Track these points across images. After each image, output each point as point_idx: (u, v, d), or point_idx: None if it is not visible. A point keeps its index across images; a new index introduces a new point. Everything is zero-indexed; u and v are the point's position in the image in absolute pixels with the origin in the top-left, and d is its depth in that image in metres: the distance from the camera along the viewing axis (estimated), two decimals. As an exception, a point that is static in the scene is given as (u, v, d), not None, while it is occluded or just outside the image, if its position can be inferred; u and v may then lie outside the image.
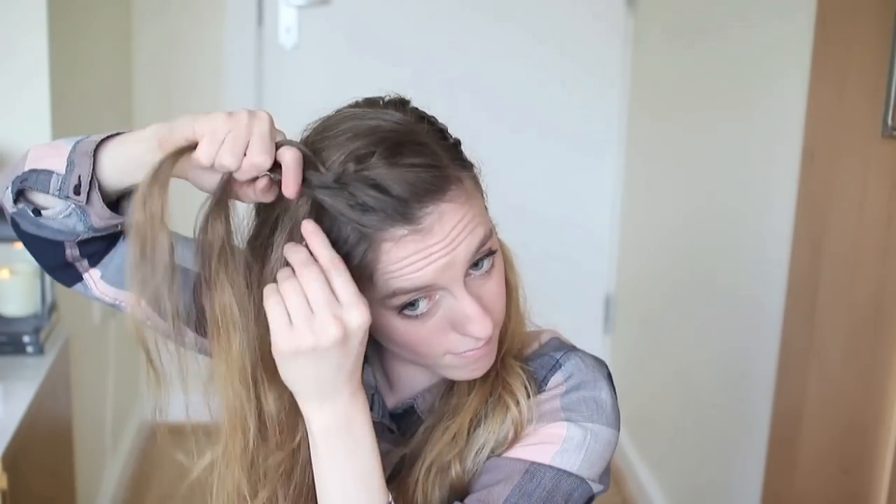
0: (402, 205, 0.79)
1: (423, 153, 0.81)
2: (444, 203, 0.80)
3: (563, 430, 0.87)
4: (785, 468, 1.74)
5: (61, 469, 1.85)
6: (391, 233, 0.79)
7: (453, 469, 0.89)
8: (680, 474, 2.44)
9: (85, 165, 0.83)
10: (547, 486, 0.85)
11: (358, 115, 0.84)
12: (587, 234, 3.00)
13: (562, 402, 0.89)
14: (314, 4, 2.79)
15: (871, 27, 1.46)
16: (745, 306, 2.02)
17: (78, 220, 0.86)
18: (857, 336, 1.51)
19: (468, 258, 0.82)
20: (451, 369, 0.88)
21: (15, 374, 1.62)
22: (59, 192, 0.84)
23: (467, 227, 0.81)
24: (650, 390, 2.63)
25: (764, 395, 1.83)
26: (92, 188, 0.84)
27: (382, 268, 0.80)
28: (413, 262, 0.80)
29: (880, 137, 1.42)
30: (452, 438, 0.89)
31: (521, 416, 0.88)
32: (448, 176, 0.81)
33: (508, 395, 0.89)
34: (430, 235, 0.80)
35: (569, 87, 2.90)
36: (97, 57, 2.42)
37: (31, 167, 0.86)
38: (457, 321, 0.84)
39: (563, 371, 0.91)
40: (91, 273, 0.93)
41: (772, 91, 1.91)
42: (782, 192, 1.78)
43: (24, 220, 0.88)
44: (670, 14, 2.59)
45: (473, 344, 0.85)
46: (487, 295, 0.85)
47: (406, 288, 0.81)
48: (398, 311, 0.83)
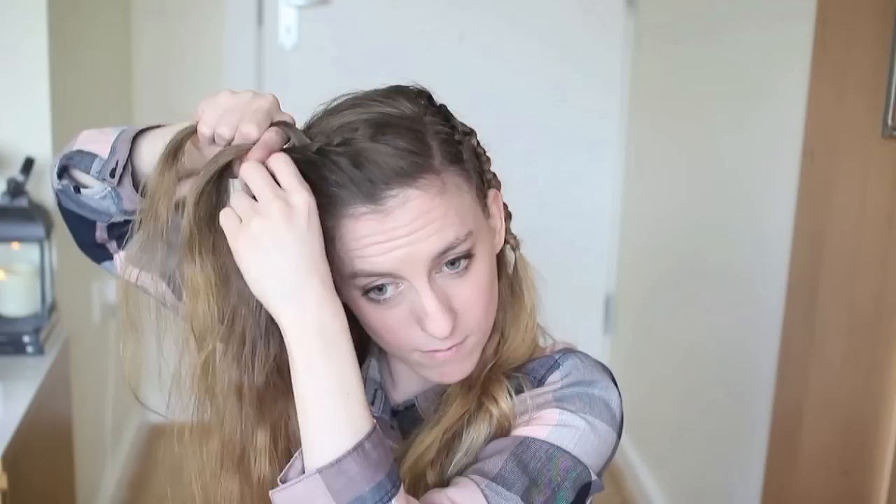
0: (367, 183, 0.79)
1: (408, 138, 0.81)
2: (411, 189, 0.80)
3: (556, 414, 0.86)
4: (785, 468, 1.74)
5: (61, 469, 1.85)
6: (353, 209, 0.79)
7: (428, 477, 0.88)
8: (680, 474, 2.44)
9: (123, 151, 0.89)
10: (542, 457, 0.84)
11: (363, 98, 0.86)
12: (587, 235, 3.00)
13: (554, 395, 0.88)
14: (314, 4, 2.79)
15: (871, 28, 1.46)
16: (746, 306, 2.02)
17: (112, 202, 0.91)
18: (857, 336, 1.51)
19: (432, 256, 0.81)
20: (422, 368, 0.88)
21: (15, 374, 1.63)
22: (98, 174, 0.89)
23: (434, 222, 0.80)
24: (650, 390, 2.63)
25: (764, 394, 1.84)
26: (125, 172, 0.89)
27: (344, 245, 0.81)
28: (372, 242, 0.80)
29: (880, 137, 1.42)
30: (426, 448, 0.88)
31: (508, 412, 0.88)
32: (426, 165, 0.81)
33: (490, 402, 0.88)
34: (390, 219, 0.79)
35: (569, 87, 2.90)
36: (97, 57, 2.42)
37: (78, 148, 0.91)
38: (418, 316, 0.83)
39: (561, 370, 0.90)
40: (119, 254, 0.96)
41: (772, 91, 1.91)
42: (782, 192, 1.78)
43: (66, 197, 0.93)
44: (670, 14, 2.59)
45: (439, 344, 0.84)
46: (458, 296, 0.83)
47: (366, 270, 0.81)
48: (363, 293, 0.83)
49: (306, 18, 2.81)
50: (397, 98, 0.86)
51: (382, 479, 0.76)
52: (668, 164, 2.58)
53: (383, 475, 0.76)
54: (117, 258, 0.97)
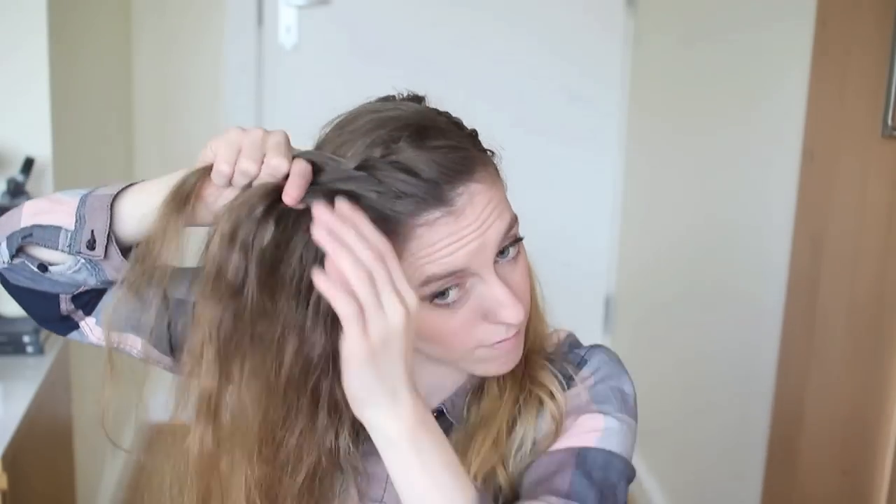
0: (434, 187, 0.78)
1: (448, 136, 0.81)
2: (473, 184, 0.80)
3: (601, 421, 0.88)
4: (785, 468, 1.74)
5: (61, 469, 1.85)
6: (424, 217, 0.78)
7: (499, 475, 0.88)
8: (680, 474, 2.44)
9: (100, 219, 0.83)
10: (601, 464, 0.86)
11: (376, 108, 0.85)
12: (587, 234, 3.00)
13: (591, 394, 0.89)
14: (314, 4, 2.79)
15: (871, 28, 1.46)
16: (746, 306, 2.02)
17: (89, 274, 0.86)
18: (857, 336, 1.51)
19: (498, 241, 0.82)
20: (482, 363, 0.87)
21: (15, 374, 1.63)
22: (68, 248, 0.84)
23: (496, 208, 0.81)
24: (650, 390, 2.62)
25: (764, 395, 1.83)
26: (110, 242, 0.83)
27: (414, 254, 0.79)
28: (446, 245, 0.79)
29: (880, 137, 1.42)
30: (493, 444, 0.88)
31: (560, 408, 0.89)
32: (474, 157, 0.82)
33: (540, 389, 0.90)
34: (463, 217, 0.79)
35: (569, 87, 2.90)
36: (97, 57, 2.42)
37: (32, 223, 0.85)
38: (488, 309, 0.83)
39: (590, 365, 0.92)
40: (87, 321, 0.93)
41: (772, 91, 1.91)
42: (782, 192, 1.78)
43: (20, 275, 0.87)
44: (670, 14, 2.59)
45: (505, 333, 0.84)
46: (516, 282, 0.84)
47: (439, 273, 0.80)
48: (430, 301, 0.82)
49: (306, 18, 2.80)
50: (403, 103, 0.86)
51: None
52: (668, 165, 2.58)
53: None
54: (84, 326, 0.93)
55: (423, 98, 0.88)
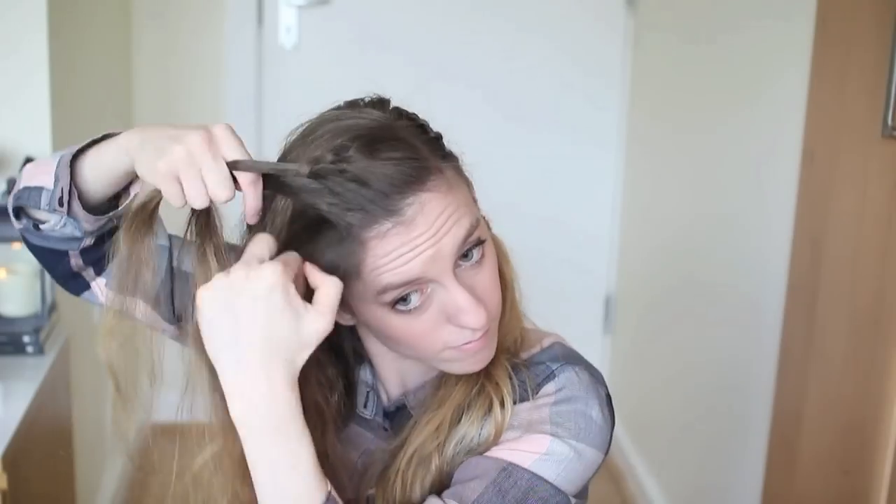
0: (382, 198, 0.79)
1: (400, 147, 0.81)
2: (424, 193, 0.80)
3: (546, 442, 0.86)
4: (785, 468, 1.74)
5: (61, 469, 1.85)
6: (375, 229, 0.79)
7: (433, 461, 0.88)
8: (680, 474, 2.44)
9: (64, 177, 0.87)
10: (522, 486, 0.84)
11: (336, 116, 0.86)
12: (587, 235, 3.00)
13: (550, 413, 0.87)
14: (314, 4, 2.79)
15: (871, 27, 1.46)
16: (746, 306, 2.02)
17: (73, 227, 0.89)
18: (857, 336, 1.51)
19: (455, 249, 0.82)
20: (452, 363, 0.88)
21: (15, 374, 1.62)
22: (48, 206, 0.87)
23: (451, 216, 0.81)
24: (650, 390, 2.63)
25: (764, 395, 1.83)
26: (72, 197, 0.87)
27: (370, 264, 0.80)
28: (399, 254, 0.80)
29: (880, 137, 1.42)
30: (436, 429, 0.89)
31: (504, 419, 0.88)
32: (427, 167, 0.82)
33: (492, 388, 0.89)
34: (414, 227, 0.80)
35: (569, 87, 2.90)
36: (97, 57, 2.43)
37: (25, 185, 0.89)
38: (450, 314, 0.83)
39: (556, 382, 0.89)
40: (97, 281, 0.95)
41: (772, 91, 1.91)
42: (782, 192, 1.78)
43: (31, 234, 0.92)
44: (670, 14, 2.59)
45: (470, 336, 0.84)
46: (480, 285, 0.84)
47: (395, 283, 0.81)
48: (391, 307, 0.83)
49: (306, 18, 2.80)
50: (364, 109, 0.86)
51: None
52: (668, 164, 2.58)
53: None
54: (95, 286, 0.96)
55: (388, 102, 0.88)
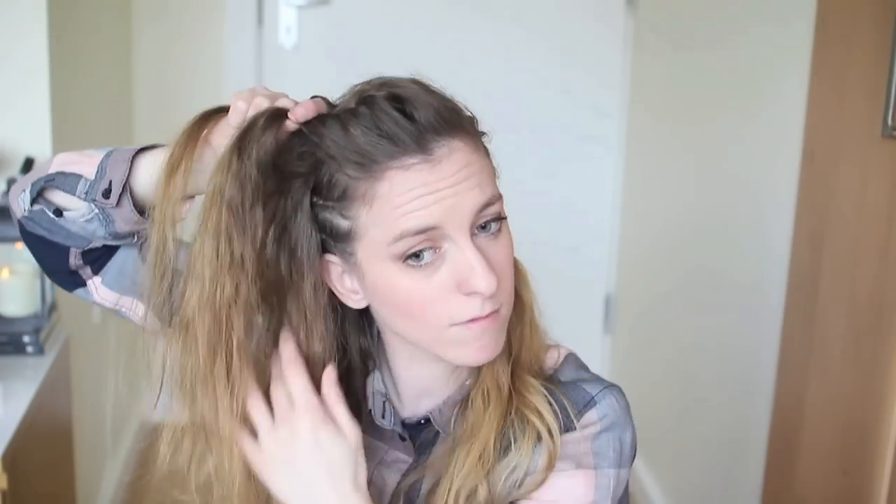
0: (418, 131, 0.80)
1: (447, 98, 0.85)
2: (456, 141, 0.82)
3: (591, 479, 0.87)
4: (785, 468, 1.74)
5: (61, 469, 1.85)
6: (401, 160, 0.80)
7: (480, 492, 0.87)
8: (680, 474, 2.44)
9: (119, 171, 0.87)
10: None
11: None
12: (587, 235, 3.00)
13: (593, 446, 0.88)
14: (314, 4, 2.79)
15: (871, 28, 1.46)
16: (746, 306, 2.02)
17: (99, 224, 0.88)
18: (857, 336, 1.51)
19: (475, 209, 0.82)
20: (458, 347, 0.85)
21: (15, 374, 1.63)
22: (85, 195, 0.87)
23: (476, 175, 0.82)
24: (650, 390, 2.63)
25: (764, 394, 1.84)
26: (124, 192, 0.87)
27: (389, 202, 0.80)
28: (420, 195, 0.79)
29: (880, 137, 1.42)
30: (479, 459, 0.87)
31: (554, 445, 0.87)
32: (464, 121, 0.84)
33: (532, 415, 0.88)
34: (439, 168, 0.80)
35: (569, 88, 2.90)
36: (97, 57, 2.43)
37: (58, 170, 0.88)
38: (461, 278, 0.82)
39: (598, 410, 0.89)
40: (94, 280, 0.94)
41: (772, 91, 1.91)
42: (782, 191, 1.78)
43: (37, 223, 0.90)
44: (670, 15, 2.59)
45: (479, 309, 0.83)
46: (494, 257, 0.83)
47: (412, 228, 0.80)
48: (402, 261, 0.82)
49: (306, 18, 2.81)
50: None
51: None
52: (668, 165, 2.58)
53: None
54: (91, 284, 0.95)
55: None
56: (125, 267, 0.93)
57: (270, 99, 0.84)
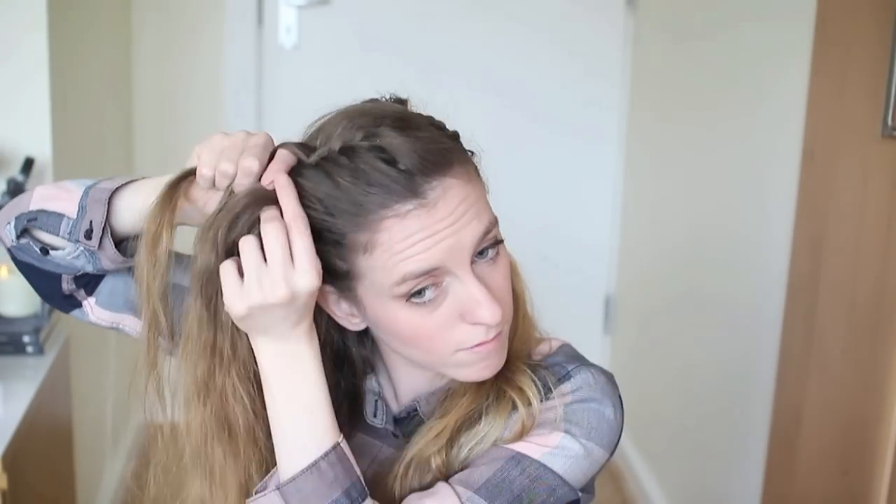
0: (408, 178, 0.78)
1: (428, 131, 0.82)
2: (449, 178, 0.80)
3: (558, 438, 0.86)
4: (785, 468, 1.74)
5: (61, 469, 1.85)
6: (395, 208, 0.79)
7: (433, 462, 0.88)
8: (680, 474, 2.44)
9: (98, 212, 0.86)
10: (531, 474, 0.85)
11: (359, 107, 0.86)
12: (587, 235, 3.00)
13: (564, 411, 0.88)
14: (314, 4, 2.79)
15: (871, 27, 1.46)
16: (746, 306, 2.02)
17: (86, 261, 0.89)
18: (857, 336, 1.51)
19: (475, 242, 0.81)
20: (462, 368, 0.86)
21: (15, 374, 1.63)
22: (69, 235, 0.87)
23: (472, 208, 0.81)
24: (650, 390, 2.63)
25: (764, 394, 1.83)
26: (105, 234, 0.87)
27: (388, 249, 0.79)
28: (420, 239, 0.79)
29: (880, 137, 1.42)
30: (436, 436, 0.88)
31: (532, 417, 0.87)
32: (453, 154, 0.82)
33: (516, 393, 0.88)
34: (436, 210, 0.79)
35: (569, 86, 2.91)
36: (97, 57, 2.43)
37: (38, 207, 0.88)
38: (465, 309, 0.82)
39: (572, 382, 0.89)
40: (89, 301, 0.95)
41: (772, 91, 1.91)
42: (782, 191, 1.78)
43: (26, 253, 0.90)
44: (670, 13, 2.59)
45: (484, 335, 0.83)
46: (494, 283, 0.84)
47: (414, 271, 0.80)
48: (405, 300, 0.82)
49: (306, 18, 2.81)
50: (385, 102, 0.87)
51: (339, 496, 0.80)
52: (668, 164, 2.58)
53: (339, 492, 0.81)
54: (86, 305, 0.95)
55: (406, 100, 0.89)
56: (116, 288, 0.94)
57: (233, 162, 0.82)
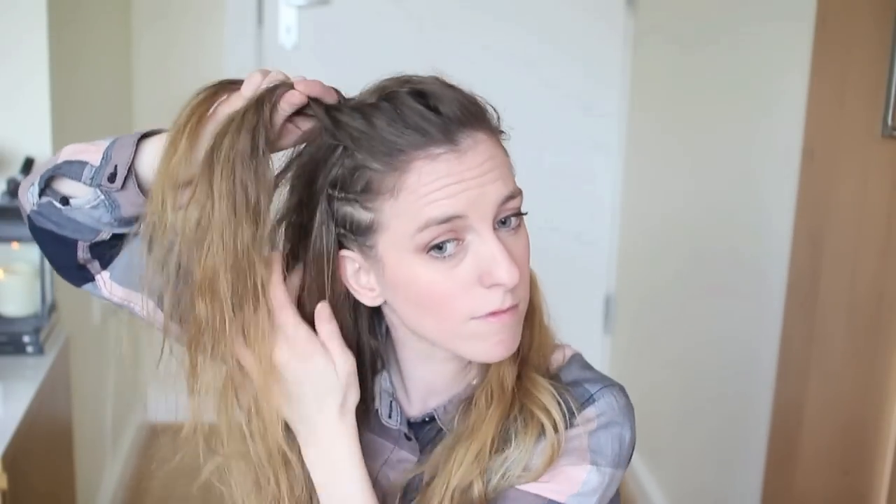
0: (445, 123, 0.81)
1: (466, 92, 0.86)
2: (480, 133, 0.83)
3: (584, 475, 0.87)
4: (785, 468, 1.74)
5: (61, 469, 1.85)
6: (428, 150, 0.81)
7: (475, 488, 0.87)
8: (680, 474, 2.44)
9: (125, 154, 0.87)
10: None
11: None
12: (587, 234, 3.00)
13: (589, 441, 0.88)
14: (314, 4, 2.79)
15: (871, 28, 1.46)
16: (746, 306, 2.02)
17: (105, 210, 0.88)
18: (857, 335, 1.51)
19: (498, 200, 0.83)
20: (475, 341, 0.85)
21: (15, 374, 1.63)
22: (91, 180, 0.87)
23: (499, 168, 0.83)
24: (650, 390, 2.63)
25: (764, 394, 1.84)
26: (129, 175, 0.87)
27: (414, 191, 0.80)
28: (446, 184, 0.80)
29: (880, 137, 1.42)
30: (475, 458, 0.87)
31: (560, 444, 0.87)
32: (487, 116, 0.86)
33: (540, 412, 0.88)
34: (466, 158, 0.81)
35: (569, 87, 2.91)
36: (97, 57, 2.43)
37: (65, 159, 0.89)
38: (484, 270, 0.82)
39: (596, 407, 0.90)
40: (102, 275, 0.94)
41: (772, 91, 1.91)
42: (782, 191, 1.78)
43: (45, 216, 0.89)
44: (670, 14, 2.59)
45: (499, 302, 0.83)
46: (515, 250, 0.84)
47: (438, 216, 0.80)
48: (426, 251, 0.82)
49: (306, 18, 2.81)
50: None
51: None
52: (668, 164, 2.58)
53: None
54: (100, 279, 0.94)
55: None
56: (133, 261, 0.92)
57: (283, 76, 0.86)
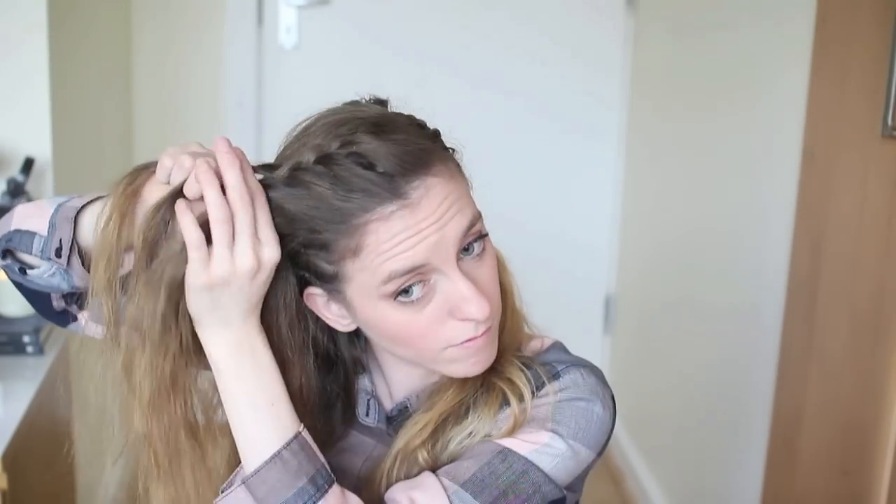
0: (388, 180, 0.79)
1: (406, 132, 0.82)
2: (430, 177, 0.81)
3: (545, 437, 0.86)
4: (785, 468, 1.74)
5: (61, 469, 1.85)
6: (379, 211, 0.79)
7: (420, 455, 0.88)
8: (680, 474, 2.44)
9: (66, 230, 0.86)
10: (517, 470, 0.85)
11: (336, 111, 0.86)
12: (587, 235, 3.00)
13: (552, 410, 0.88)
14: (314, 4, 2.79)
15: (871, 27, 1.46)
16: (746, 306, 2.02)
17: (62, 279, 0.88)
18: (857, 336, 1.51)
19: (459, 237, 0.82)
20: (454, 364, 0.86)
21: (15, 374, 1.63)
22: (41, 253, 0.86)
23: (455, 204, 0.82)
24: (650, 390, 2.63)
25: (764, 395, 1.83)
26: (72, 252, 0.86)
27: (373, 250, 0.80)
28: (404, 239, 0.79)
29: (880, 137, 1.42)
30: (420, 428, 0.89)
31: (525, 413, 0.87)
32: (432, 153, 0.82)
33: (504, 384, 0.89)
34: (419, 210, 0.80)
35: (569, 86, 2.90)
36: (97, 57, 2.43)
37: (15, 227, 0.88)
38: (453, 305, 0.83)
39: (561, 381, 0.90)
40: (82, 314, 0.95)
41: (772, 91, 1.91)
42: (782, 191, 1.78)
43: (12, 276, 0.91)
44: (670, 13, 2.59)
45: (473, 331, 0.84)
46: (482, 279, 0.84)
47: (399, 270, 0.80)
48: (393, 298, 0.82)
49: (306, 18, 2.81)
50: (363, 105, 0.87)
51: (304, 485, 0.80)
52: (668, 164, 2.58)
53: (304, 480, 0.80)
54: (82, 318, 0.95)
55: (386, 101, 0.89)
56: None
57: (193, 158, 0.82)
